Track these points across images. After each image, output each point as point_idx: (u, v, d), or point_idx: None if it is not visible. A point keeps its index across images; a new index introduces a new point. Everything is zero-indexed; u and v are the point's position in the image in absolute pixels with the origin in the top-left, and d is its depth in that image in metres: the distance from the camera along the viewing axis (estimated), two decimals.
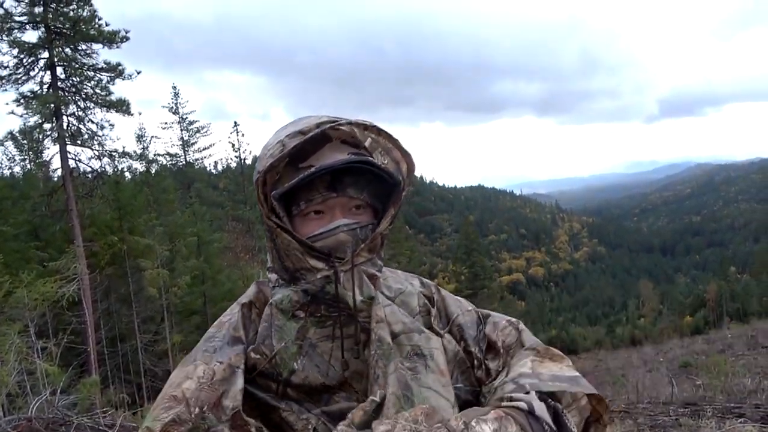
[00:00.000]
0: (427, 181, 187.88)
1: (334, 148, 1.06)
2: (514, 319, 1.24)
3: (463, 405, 1.08)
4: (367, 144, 1.09)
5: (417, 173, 1.16)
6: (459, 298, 1.28)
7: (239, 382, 1.00)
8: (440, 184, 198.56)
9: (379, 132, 1.09)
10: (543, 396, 1.00)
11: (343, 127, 1.05)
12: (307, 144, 1.03)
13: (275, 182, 1.05)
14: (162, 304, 22.17)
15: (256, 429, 0.99)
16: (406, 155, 1.11)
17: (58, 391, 9.84)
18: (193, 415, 0.94)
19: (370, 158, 1.06)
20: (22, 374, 10.73)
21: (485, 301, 43.16)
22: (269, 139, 1.08)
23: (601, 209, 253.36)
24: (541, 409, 0.96)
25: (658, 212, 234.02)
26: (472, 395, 1.15)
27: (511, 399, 0.98)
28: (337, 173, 1.04)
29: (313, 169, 1.01)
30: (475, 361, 1.16)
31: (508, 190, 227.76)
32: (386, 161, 1.10)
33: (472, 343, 1.17)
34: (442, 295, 1.24)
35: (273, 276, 1.13)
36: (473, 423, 0.88)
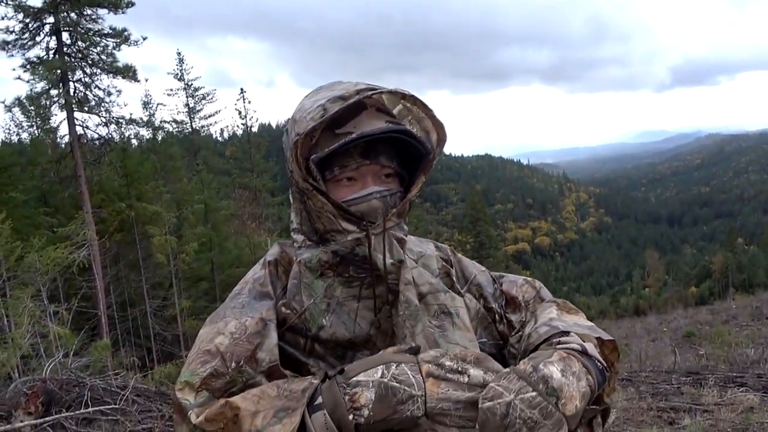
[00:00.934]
0: None
1: (371, 116, 1.08)
2: (530, 279, 1.30)
3: None
4: (395, 111, 1.11)
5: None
6: (472, 261, 1.33)
7: (273, 335, 1.02)
8: (447, 153, 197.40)
9: (415, 101, 1.11)
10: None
11: (383, 96, 1.07)
12: (345, 110, 1.04)
13: (311, 146, 1.06)
14: (170, 270, 22.41)
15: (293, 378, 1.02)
16: (438, 125, 1.13)
17: (71, 353, 10.06)
18: (230, 369, 0.96)
19: (407, 127, 1.08)
20: (36, 337, 10.96)
21: (490, 270, 43.45)
22: (303, 102, 1.09)
23: (608, 179, 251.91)
24: (592, 348, 0.98)
25: (666, 183, 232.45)
26: (496, 348, 1.21)
27: (559, 342, 0.99)
28: (371, 141, 1.06)
29: (354, 135, 1.02)
30: (496, 316, 1.22)
31: (515, 160, 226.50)
32: (415, 130, 1.12)
33: (491, 299, 1.24)
34: (458, 258, 1.29)
35: (299, 237, 1.15)
36: (541, 366, 0.88)
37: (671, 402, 6.53)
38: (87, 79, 18.44)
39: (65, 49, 17.83)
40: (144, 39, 18.90)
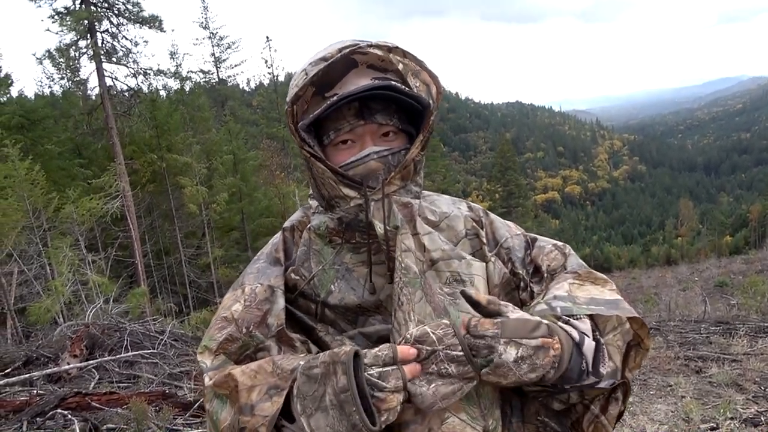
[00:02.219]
0: (463, 98, 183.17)
1: (360, 74, 1.03)
2: (560, 243, 1.22)
3: None
4: (400, 67, 1.05)
5: (452, 90, 1.10)
6: (508, 222, 1.26)
7: (280, 301, 1.06)
8: (476, 100, 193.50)
9: (405, 54, 1.06)
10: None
11: (370, 50, 1.02)
12: (333, 71, 1.01)
13: (304, 112, 1.04)
14: (202, 219, 22.85)
15: (301, 342, 1.06)
16: (434, 77, 1.08)
17: (111, 300, 10.48)
18: (242, 334, 1.03)
19: (392, 83, 1.01)
20: (76, 285, 11.42)
21: (518, 219, 43.10)
22: (297, 68, 1.07)
23: (644, 126, 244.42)
24: (589, 347, 0.95)
25: (704, 129, 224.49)
26: None
27: (567, 323, 0.97)
28: (366, 100, 1.02)
29: (334, 98, 0.99)
30: (521, 283, 1.16)
31: (546, 107, 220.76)
32: (417, 84, 1.07)
33: (519, 265, 1.16)
34: (491, 219, 1.23)
35: (314, 202, 1.15)
36: (502, 344, 0.88)
37: (699, 351, 6.52)
38: (114, 30, 18.42)
39: None
40: None
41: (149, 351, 6.83)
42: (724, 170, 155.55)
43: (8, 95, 21.70)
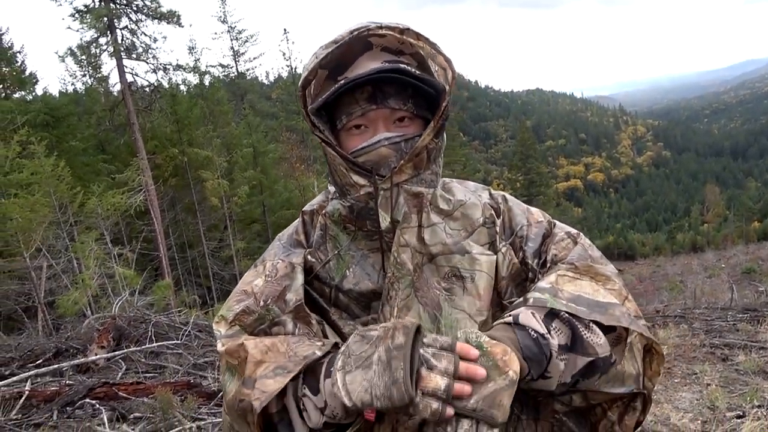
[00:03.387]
0: (482, 86, 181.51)
1: (373, 57, 1.00)
2: (575, 231, 1.14)
3: None
4: (420, 50, 1.02)
5: (472, 78, 1.07)
6: (532, 208, 1.18)
7: (300, 278, 1.07)
8: (495, 88, 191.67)
9: (418, 36, 1.02)
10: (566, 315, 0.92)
11: (384, 32, 0.99)
12: (347, 54, 0.99)
13: (316, 96, 1.03)
14: (224, 212, 23.09)
15: (317, 322, 1.05)
16: (448, 61, 1.04)
17: (136, 292, 10.68)
18: (259, 307, 1.04)
19: (401, 66, 0.98)
20: (103, 278, 11.65)
21: (540, 208, 42.52)
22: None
23: (668, 111, 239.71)
24: (526, 317, 0.90)
25: (731, 113, 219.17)
26: None
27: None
28: (380, 84, 0.99)
29: (342, 82, 0.96)
30: (530, 274, 1.08)
31: (568, 93, 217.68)
32: (436, 68, 1.03)
33: (530, 255, 1.09)
34: (509, 206, 1.16)
35: (332, 188, 1.14)
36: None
37: (725, 339, 6.41)
38: (133, 26, 18.62)
39: None
40: None
41: (174, 342, 6.94)
42: (752, 154, 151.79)
43: (33, 94, 22.15)
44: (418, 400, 0.79)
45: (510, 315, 0.93)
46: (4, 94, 20.41)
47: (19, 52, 22.64)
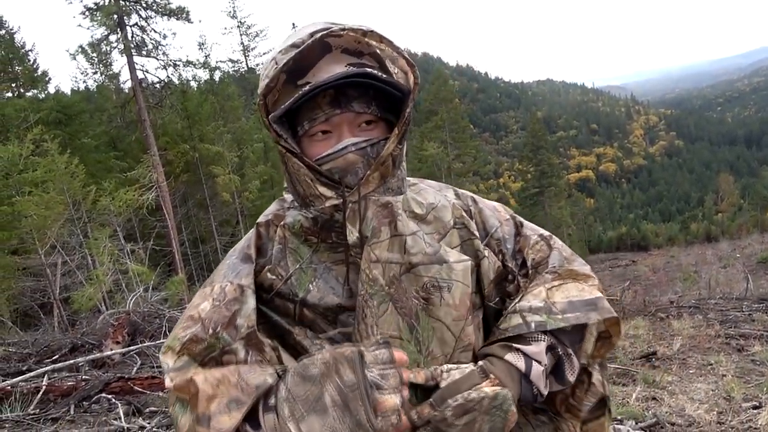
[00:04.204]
0: (492, 78, 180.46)
1: (334, 60, 0.96)
2: (546, 233, 1.17)
3: (496, 314, 1.08)
4: (379, 52, 0.98)
5: (481, 69, 1.03)
6: (495, 205, 1.20)
7: (251, 302, 0.99)
8: (506, 79, 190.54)
9: (381, 39, 0.98)
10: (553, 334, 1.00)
11: (341, 34, 0.95)
12: (305, 57, 0.94)
13: (275, 103, 0.97)
14: (236, 207, 23.22)
15: (272, 348, 0.99)
16: (411, 65, 1.00)
17: (150, 288, 10.78)
18: (208, 335, 0.95)
19: (368, 70, 0.95)
20: (117, 274, 11.76)
21: (552, 199, 42.47)
22: (269, 55, 0.99)
23: (681, 100, 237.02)
24: (537, 374, 0.96)
25: (745, 100, 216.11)
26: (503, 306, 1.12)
27: (515, 342, 0.98)
28: (342, 87, 0.95)
29: (307, 88, 0.92)
30: (509, 276, 1.11)
31: (579, 84, 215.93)
32: (396, 71, 0.99)
33: (509, 257, 1.12)
34: (480, 207, 1.16)
35: (289, 196, 1.09)
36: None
37: (741, 329, 6.36)
38: (143, 23, 18.72)
39: None
40: None
41: None
42: (767, 143, 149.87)
43: (46, 92, 22.34)
44: (379, 425, 0.82)
45: (521, 361, 0.97)
46: (17, 93, 20.61)
47: (31, 50, 22.88)
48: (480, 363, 0.96)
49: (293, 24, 38.23)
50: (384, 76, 0.96)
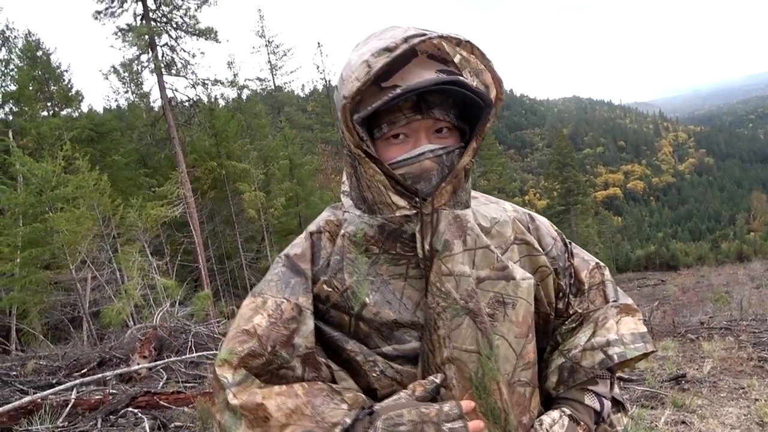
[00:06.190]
0: (517, 95, 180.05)
1: (421, 65, 0.95)
2: (595, 260, 1.26)
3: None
4: (456, 60, 0.98)
5: (506, 87, 1.03)
6: (544, 220, 1.23)
7: (309, 323, 0.99)
8: (531, 96, 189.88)
9: (473, 49, 0.97)
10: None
11: (433, 41, 0.94)
12: (393, 60, 0.92)
13: (357, 104, 0.95)
14: (261, 224, 23.44)
15: (326, 367, 1.00)
16: (497, 80, 0.99)
17: (177, 303, 10.91)
18: (266, 351, 0.96)
19: (461, 78, 0.95)
20: (145, 288, 11.94)
21: (579, 217, 41.94)
22: (351, 57, 0.97)
23: (711, 117, 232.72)
24: (607, 410, 1.10)
25: None
26: (543, 321, 1.17)
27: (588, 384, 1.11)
28: (424, 93, 0.94)
29: (398, 91, 0.91)
30: (560, 293, 1.17)
31: (605, 100, 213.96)
32: (475, 83, 0.99)
33: (561, 274, 1.17)
34: (536, 224, 1.19)
35: (347, 201, 1.07)
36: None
37: None
38: (173, 43, 19.22)
39: (150, 14, 18.60)
40: None
41: (213, 352, 7.05)
42: None
43: (79, 110, 23.01)
44: None
45: (592, 392, 1.11)
46: (52, 112, 21.25)
47: (66, 70, 23.63)
48: (568, 412, 1.06)
49: (318, 43, 38.79)
50: (474, 86, 0.97)
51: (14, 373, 6.56)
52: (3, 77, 19.78)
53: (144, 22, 18.41)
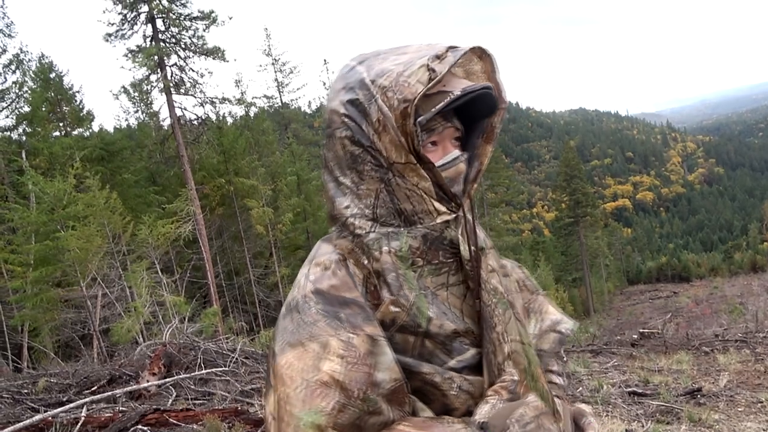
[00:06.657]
0: (523, 108, 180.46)
1: (457, 72, 1.01)
2: (515, 262, 1.40)
3: None
4: (478, 68, 1.04)
5: (512, 100, 1.06)
6: None
7: (389, 352, 0.89)
8: (537, 109, 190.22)
9: (493, 66, 1.02)
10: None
11: (467, 53, 0.98)
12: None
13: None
14: (269, 240, 23.50)
15: (410, 402, 0.93)
16: (502, 89, 1.03)
17: (186, 319, 10.92)
18: (355, 399, 0.85)
19: (490, 85, 0.99)
20: (154, 305, 11.97)
21: (588, 228, 41.72)
22: (384, 67, 0.95)
23: (719, 126, 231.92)
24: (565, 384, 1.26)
25: None
26: None
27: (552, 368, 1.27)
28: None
29: (458, 92, 0.93)
30: None
31: (612, 112, 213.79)
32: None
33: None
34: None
35: (365, 223, 0.97)
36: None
37: None
38: (181, 63, 19.44)
39: (160, 35, 18.86)
40: (230, 18, 19.57)
41: (222, 369, 7.03)
42: None
43: (90, 130, 23.29)
44: None
45: (560, 378, 1.27)
46: (64, 132, 21.52)
47: (78, 91, 23.89)
48: (592, 420, 1.21)
49: (324, 60, 39.16)
50: (495, 95, 1.00)
51: (26, 391, 6.57)
52: (17, 99, 20.07)
53: (153, 43, 18.67)
